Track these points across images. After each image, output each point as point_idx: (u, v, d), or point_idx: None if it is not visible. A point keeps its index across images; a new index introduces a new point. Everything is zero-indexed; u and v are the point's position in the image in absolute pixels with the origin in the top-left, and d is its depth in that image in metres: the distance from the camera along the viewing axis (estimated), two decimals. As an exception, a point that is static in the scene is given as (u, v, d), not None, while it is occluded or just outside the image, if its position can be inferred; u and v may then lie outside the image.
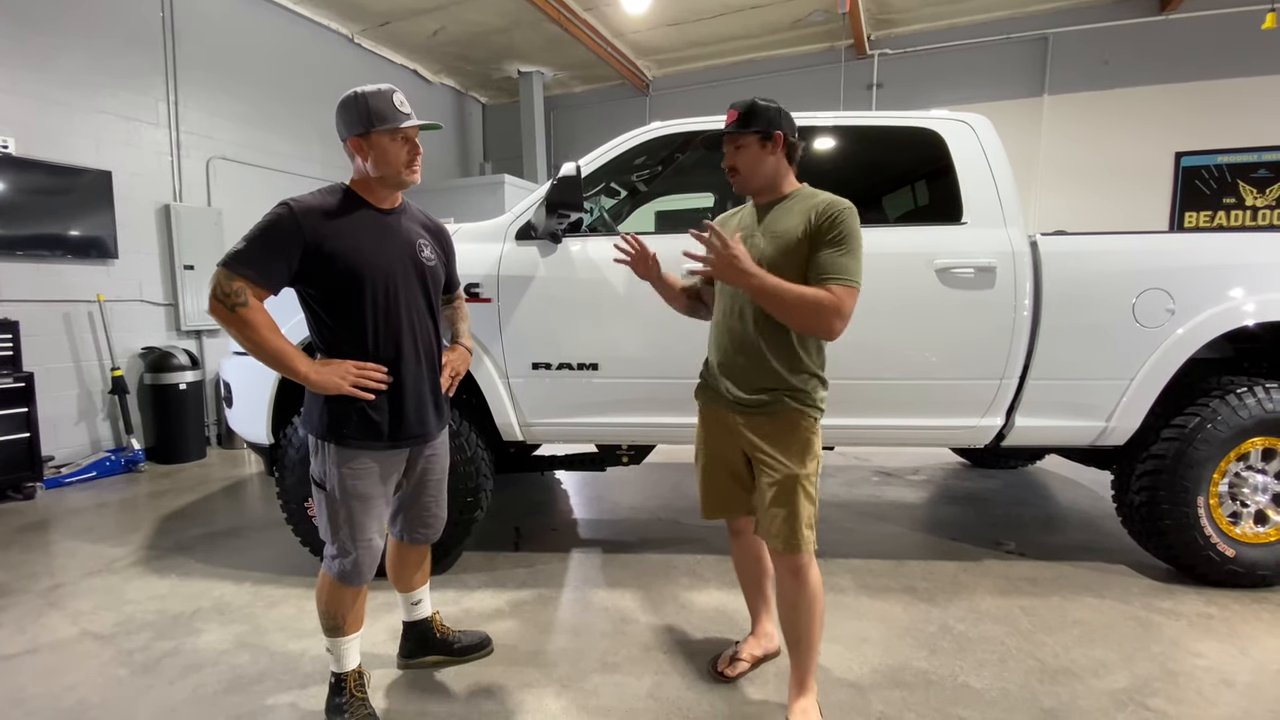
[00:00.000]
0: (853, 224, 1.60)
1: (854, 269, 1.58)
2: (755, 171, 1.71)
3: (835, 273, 1.57)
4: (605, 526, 3.44)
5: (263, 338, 1.54)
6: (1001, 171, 2.55)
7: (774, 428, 1.68)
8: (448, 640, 2.12)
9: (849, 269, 1.58)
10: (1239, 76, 5.92)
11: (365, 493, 1.68)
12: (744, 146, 1.70)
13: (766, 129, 1.67)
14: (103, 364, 4.69)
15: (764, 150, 1.69)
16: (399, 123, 1.60)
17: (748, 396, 1.70)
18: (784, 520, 1.65)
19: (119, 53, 4.72)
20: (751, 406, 1.70)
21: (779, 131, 1.68)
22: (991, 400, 2.52)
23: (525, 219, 2.64)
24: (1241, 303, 2.40)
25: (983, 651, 2.15)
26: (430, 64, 7.64)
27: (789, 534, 1.64)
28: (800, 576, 1.67)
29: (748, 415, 1.72)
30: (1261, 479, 2.53)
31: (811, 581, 1.69)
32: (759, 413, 1.69)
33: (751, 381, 1.70)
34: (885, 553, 2.99)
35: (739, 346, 1.72)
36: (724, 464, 1.84)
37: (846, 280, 1.57)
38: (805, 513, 1.65)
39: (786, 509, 1.65)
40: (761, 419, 1.69)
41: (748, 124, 1.68)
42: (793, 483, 1.65)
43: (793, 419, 1.67)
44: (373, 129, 1.60)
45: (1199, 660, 2.09)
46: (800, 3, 6.29)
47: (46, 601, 2.58)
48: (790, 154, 1.74)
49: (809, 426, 1.68)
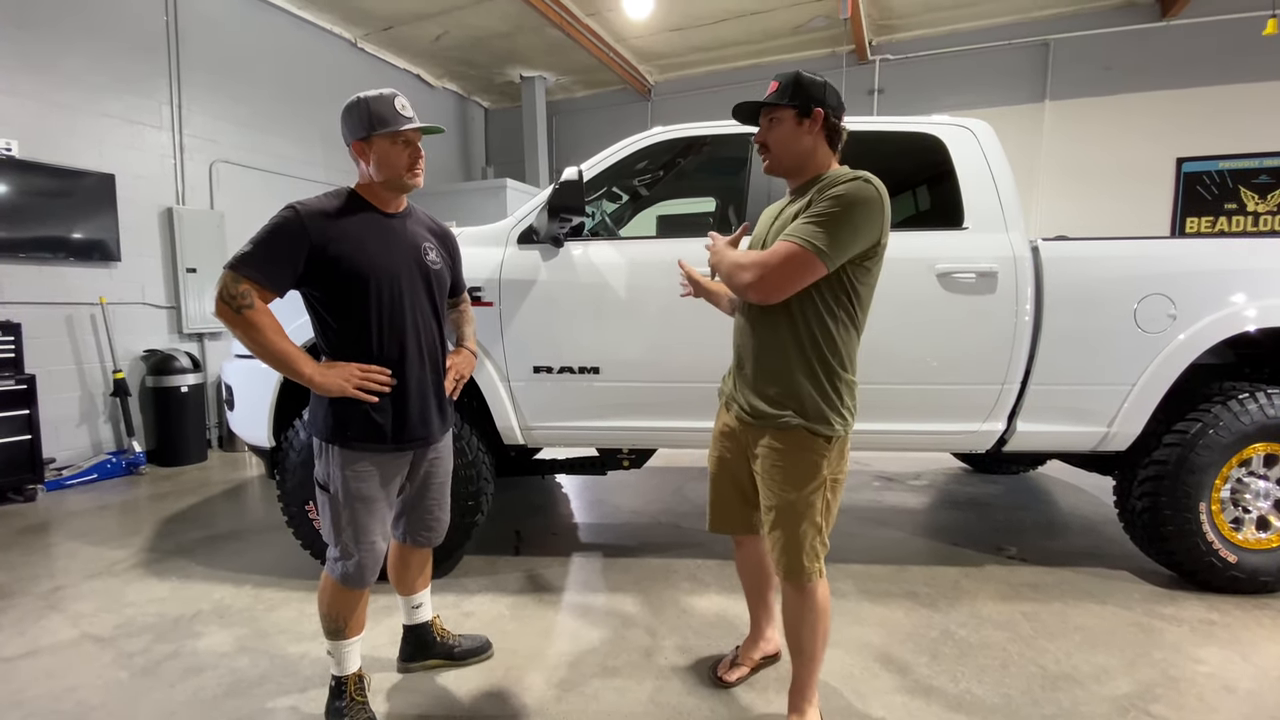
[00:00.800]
0: (849, 191, 1.43)
1: (809, 232, 1.41)
2: (787, 150, 1.56)
3: (786, 234, 1.44)
4: (606, 530, 3.44)
5: (268, 340, 1.54)
6: (1003, 177, 2.55)
7: (778, 446, 1.57)
8: (448, 644, 2.11)
9: (801, 231, 1.42)
10: (1240, 82, 5.93)
11: (368, 495, 1.68)
12: (778, 121, 1.55)
13: (805, 104, 1.51)
14: (104, 366, 4.70)
15: (800, 127, 1.53)
16: (398, 126, 1.62)
17: (757, 404, 1.60)
18: (783, 548, 1.58)
19: (123, 56, 4.74)
20: (757, 418, 1.60)
21: (819, 109, 1.51)
22: (993, 405, 2.52)
23: (527, 223, 2.64)
24: (1243, 308, 2.40)
25: (984, 657, 2.15)
26: (433, 68, 7.67)
27: (788, 562, 1.58)
28: (804, 594, 1.61)
29: (754, 429, 1.63)
30: (1263, 485, 2.52)
31: (818, 599, 1.61)
32: (764, 427, 1.59)
33: (763, 386, 1.59)
34: (887, 558, 2.99)
35: (751, 346, 1.62)
36: (731, 478, 1.79)
37: (790, 238, 1.42)
38: (806, 539, 1.56)
39: (785, 535, 1.57)
40: (767, 435, 1.59)
41: (785, 96, 1.53)
42: (789, 509, 1.55)
43: (799, 440, 1.54)
44: (374, 133, 1.61)
45: (1201, 666, 2.09)
46: (802, 8, 6.31)
47: (47, 604, 2.58)
48: (832, 137, 1.56)
49: (817, 449, 1.54)
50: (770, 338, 1.57)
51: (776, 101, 1.54)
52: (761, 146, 1.61)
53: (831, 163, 1.60)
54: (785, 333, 1.54)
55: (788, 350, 1.54)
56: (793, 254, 1.42)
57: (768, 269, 1.44)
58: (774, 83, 1.57)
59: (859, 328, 1.59)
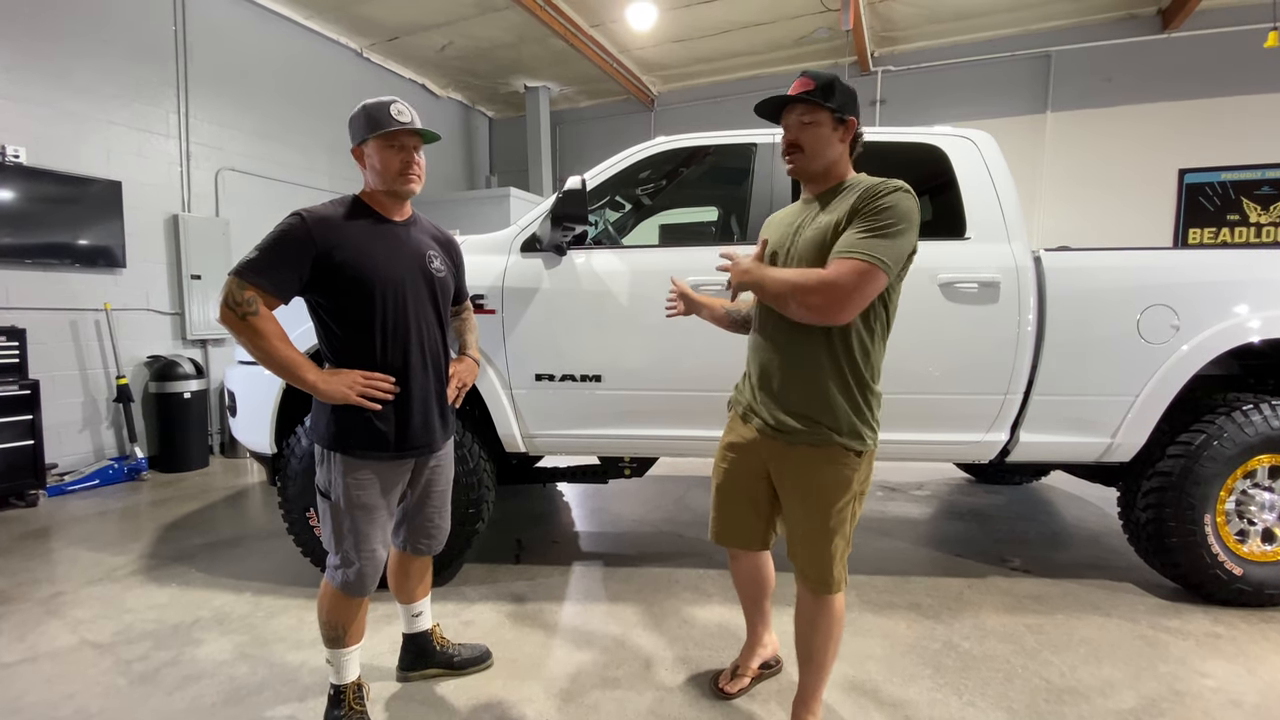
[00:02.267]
0: (899, 203, 1.40)
1: (870, 245, 1.37)
2: (820, 153, 1.51)
3: (845, 248, 1.39)
4: (607, 539, 3.42)
5: (273, 347, 1.55)
6: (1005, 187, 2.56)
7: (810, 462, 1.53)
8: (448, 653, 2.10)
9: (866, 246, 1.37)
10: (1242, 94, 5.95)
11: (370, 503, 1.68)
12: (815, 124, 1.49)
13: (843, 110, 1.49)
14: (108, 372, 4.72)
15: (835, 133, 1.50)
16: (389, 128, 1.63)
17: (787, 421, 1.54)
18: (811, 560, 1.57)
19: (131, 65, 4.79)
20: (787, 433, 1.54)
21: (854, 118, 1.51)
22: (996, 415, 2.52)
23: (530, 231, 2.65)
24: (1246, 319, 2.39)
25: (988, 670, 2.13)
26: (438, 78, 7.72)
27: (818, 574, 1.57)
28: (823, 603, 1.61)
29: (779, 444, 1.57)
30: (1268, 496, 2.51)
31: (835, 608, 1.61)
32: (795, 443, 1.53)
33: (794, 403, 1.54)
34: (889, 569, 2.97)
35: (778, 361, 1.57)
36: (744, 490, 1.73)
37: (855, 254, 1.37)
38: (838, 552, 1.55)
39: (818, 549, 1.55)
40: (796, 450, 1.54)
41: (827, 97, 1.47)
42: (823, 523, 1.53)
43: (833, 455, 1.50)
44: (368, 136, 1.64)
45: (1206, 680, 2.07)
46: (805, 20, 6.36)
47: (46, 609, 2.58)
48: (853, 148, 1.57)
49: (850, 463, 1.51)
50: (803, 353, 1.52)
51: (821, 102, 1.47)
52: (793, 146, 1.53)
53: (850, 170, 1.58)
54: (821, 348, 1.50)
55: (822, 365, 1.50)
56: (863, 271, 1.36)
57: (840, 289, 1.36)
58: (806, 80, 1.49)
59: (887, 338, 1.57)
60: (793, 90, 1.51)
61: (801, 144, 1.52)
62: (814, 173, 1.56)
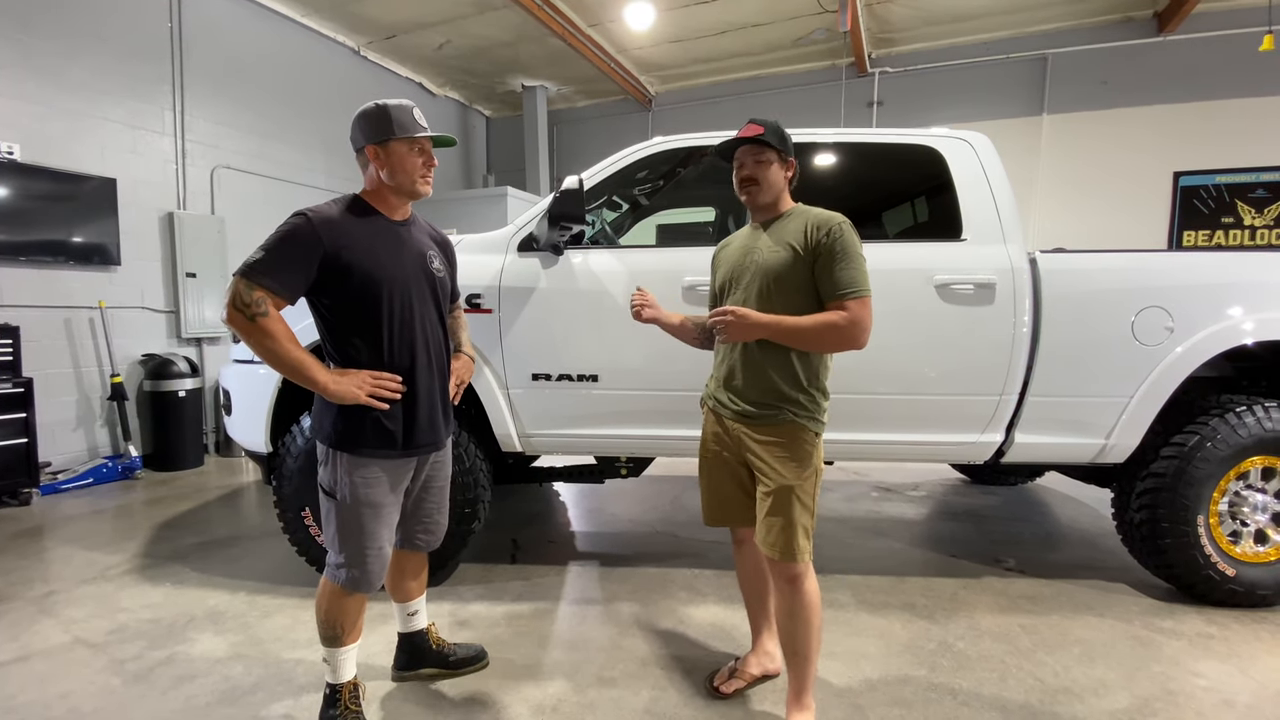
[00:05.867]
0: (850, 237, 1.68)
1: (860, 279, 1.67)
2: (771, 186, 1.79)
3: (845, 287, 1.66)
4: (603, 539, 3.42)
5: (282, 348, 1.54)
6: (1001, 189, 2.57)
7: (775, 438, 1.72)
8: (443, 652, 2.10)
9: (856, 281, 1.66)
10: (1237, 97, 5.98)
11: (377, 501, 1.68)
12: (766, 161, 1.77)
13: (787, 151, 1.79)
14: (102, 370, 4.69)
15: (782, 169, 1.79)
16: (416, 133, 1.65)
17: (750, 408, 1.76)
18: (780, 529, 1.69)
19: (126, 62, 4.77)
20: (753, 417, 1.75)
21: (792, 159, 1.82)
22: (991, 416, 2.52)
23: (527, 231, 2.65)
24: (1240, 321, 2.41)
25: (982, 670, 2.14)
26: (435, 77, 7.71)
27: (784, 543, 1.69)
28: (796, 585, 1.71)
29: (750, 424, 1.76)
30: (1261, 498, 2.52)
31: (808, 591, 1.72)
32: (760, 423, 1.74)
33: (753, 396, 1.75)
34: (884, 569, 2.98)
35: (741, 364, 1.78)
36: (728, 470, 1.87)
37: (856, 292, 1.65)
38: (801, 522, 1.70)
39: (783, 518, 1.69)
40: (763, 429, 1.74)
41: (776, 140, 1.75)
42: (789, 493, 1.69)
43: (793, 432, 1.72)
44: (392, 137, 1.64)
45: (1199, 680, 2.08)
46: (802, 21, 6.37)
47: (39, 608, 2.57)
48: (791, 182, 1.86)
49: (809, 440, 1.73)
50: (768, 355, 1.73)
51: (771, 143, 1.74)
52: (749, 180, 1.78)
53: (790, 200, 1.85)
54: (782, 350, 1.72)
55: (787, 364, 1.72)
56: (866, 301, 1.66)
57: (866, 325, 1.66)
58: (754, 125, 1.76)
59: None
60: (746, 134, 1.77)
61: (756, 178, 1.78)
62: (765, 203, 1.81)
